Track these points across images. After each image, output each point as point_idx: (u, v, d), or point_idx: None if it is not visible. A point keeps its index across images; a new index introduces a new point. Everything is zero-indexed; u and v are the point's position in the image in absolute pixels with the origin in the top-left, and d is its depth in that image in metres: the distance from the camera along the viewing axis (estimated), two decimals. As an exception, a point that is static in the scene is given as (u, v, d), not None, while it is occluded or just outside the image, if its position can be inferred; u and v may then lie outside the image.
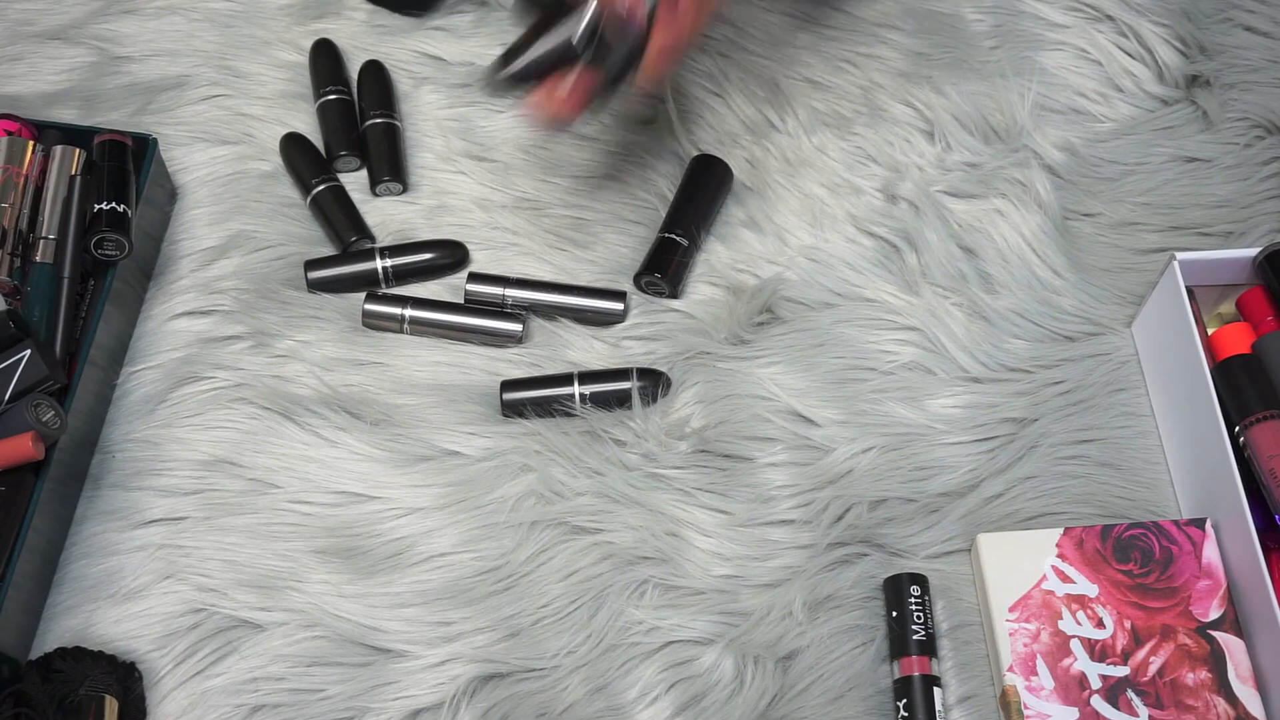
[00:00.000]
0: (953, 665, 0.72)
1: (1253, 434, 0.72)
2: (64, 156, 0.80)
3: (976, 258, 0.84)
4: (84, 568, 0.75)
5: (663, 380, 0.79)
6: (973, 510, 0.76)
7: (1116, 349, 0.82)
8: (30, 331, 0.73)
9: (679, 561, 0.74)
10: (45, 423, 0.71)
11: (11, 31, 0.94)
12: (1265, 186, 0.87)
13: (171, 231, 0.86)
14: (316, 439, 0.78)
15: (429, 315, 0.81)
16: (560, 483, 0.76)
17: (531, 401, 0.79)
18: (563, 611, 0.73)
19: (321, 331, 0.82)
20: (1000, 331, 0.82)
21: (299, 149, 0.87)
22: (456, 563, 0.75)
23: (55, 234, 0.78)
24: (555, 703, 0.71)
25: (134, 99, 0.91)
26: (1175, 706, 0.68)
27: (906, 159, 0.88)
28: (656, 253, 0.83)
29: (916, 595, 0.72)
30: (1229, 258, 0.78)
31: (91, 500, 0.77)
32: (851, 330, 0.82)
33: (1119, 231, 0.86)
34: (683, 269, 0.84)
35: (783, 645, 0.72)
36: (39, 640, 0.73)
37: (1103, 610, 0.71)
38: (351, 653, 0.72)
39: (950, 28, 0.94)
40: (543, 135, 0.89)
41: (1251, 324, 0.78)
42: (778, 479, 0.77)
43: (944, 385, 0.80)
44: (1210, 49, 0.93)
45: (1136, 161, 0.89)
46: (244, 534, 0.75)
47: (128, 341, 0.82)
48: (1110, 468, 0.78)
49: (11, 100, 0.91)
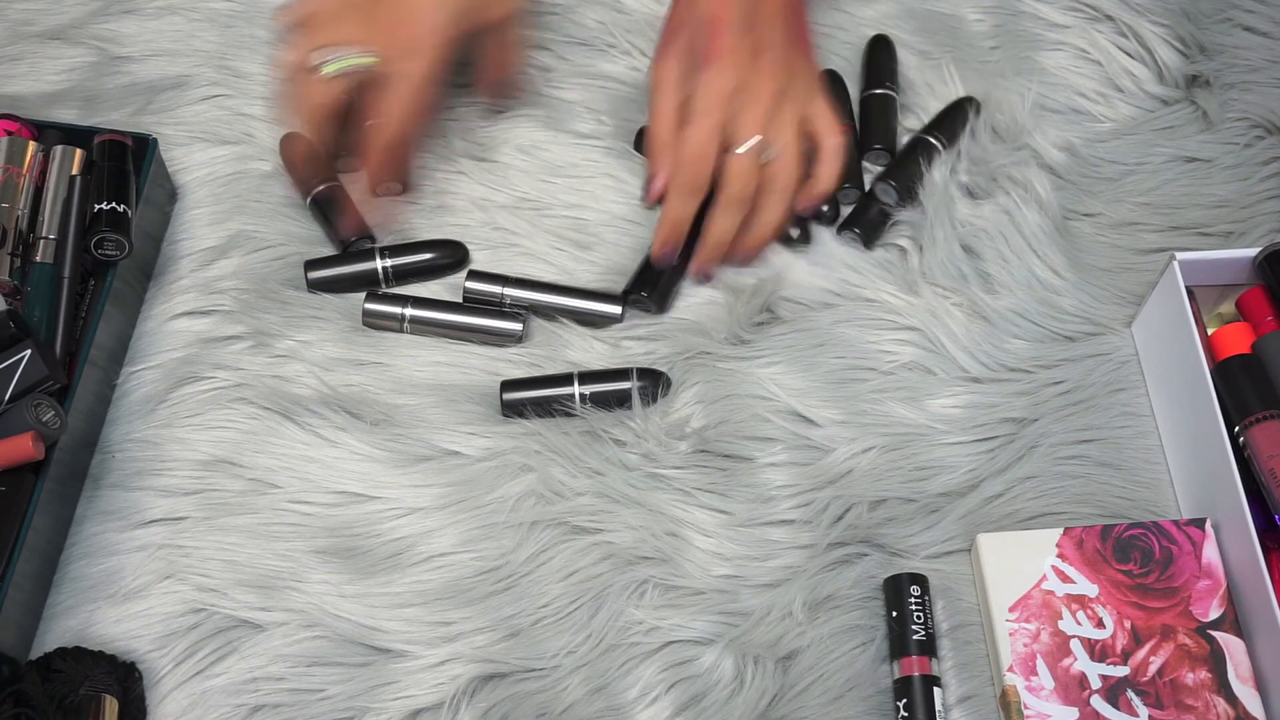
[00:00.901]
0: (953, 665, 0.72)
1: (1253, 434, 0.72)
2: (64, 156, 0.80)
3: (977, 258, 0.84)
4: (84, 568, 0.75)
5: (663, 380, 0.79)
6: (973, 510, 0.76)
7: (1116, 349, 0.82)
8: (30, 331, 0.73)
9: (679, 561, 0.74)
10: (45, 423, 0.71)
11: (11, 31, 0.94)
12: (1265, 186, 0.87)
13: (171, 231, 0.86)
14: (316, 439, 0.78)
15: (429, 314, 0.81)
16: (560, 483, 0.76)
17: (531, 401, 0.79)
18: (563, 611, 0.73)
19: (321, 331, 0.82)
20: (1000, 331, 0.82)
21: (298, 149, 0.87)
22: (456, 563, 0.75)
23: (55, 234, 0.78)
24: (555, 703, 0.71)
25: (134, 99, 0.91)
26: (1175, 706, 0.68)
27: (906, 159, 0.88)
28: (643, 270, 0.83)
29: (916, 595, 0.72)
30: (1229, 258, 0.78)
31: (91, 500, 0.77)
32: (851, 330, 0.81)
33: (1119, 231, 0.86)
34: (671, 285, 0.83)
35: (783, 645, 0.72)
36: (39, 640, 0.73)
37: (1103, 610, 0.71)
38: (351, 653, 0.72)
39: (950, 28, 0.94)
40: (543, 136, 0.89)
41: (1251, 324, 0.78)
42: (778, 479, 0.77)
43: (944, 385, 0.80)
44: (1210, 49, 0.93)
45: (1136, 161, 0.89)
46: (244, 534, 0.75)
47: (128, 341, 0.82)
48: (1110, 468, 0.78)
49: (11, 100, 0.91)
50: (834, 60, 0.93)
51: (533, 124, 0.90)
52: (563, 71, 0.92)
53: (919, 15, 0.94)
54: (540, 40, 0.93)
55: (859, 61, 0.92)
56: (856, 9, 0.95)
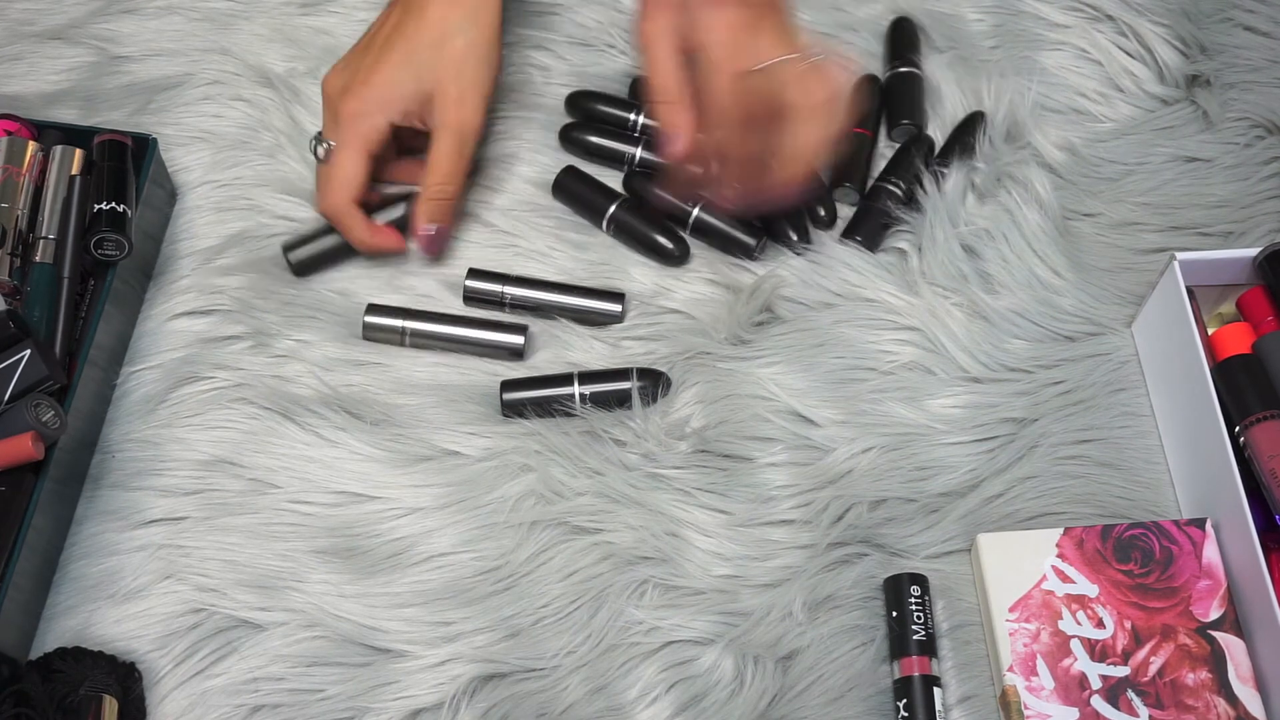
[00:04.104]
0: (953, 665, 0.72)
1: (1253, 434, 0.72)
2: (64, 156, 0.80)
3: (977, 258, 0.84)
4: (84, 568, 0.75)
5: (663, 380, 0.79)
6: (973, 510, 0.76)
7: (1116, 349, 0.82)
8: (30, 331, 0.73)
9: (679, 561, 0.74)
10: (45, 423, 0.71)
11: (11, 31, 0.94)
12: (1265, 186, 0.87)
13: (171, 231, 0.86)
14: (316, 439, 0.78)
15: (429, 328, 0.81)
16: (560, 483, 0.76)
17: (531, 401, 0.79)
18: (563, 611, 0.73)
19: (321, 331, 0.82)
20: (1000, 331, 0.82)
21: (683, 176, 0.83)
22: (456, 563, 0.75)
23: (55, 234, 0.78)
24: (555, 703, 0.71)
25: (134, 99, 0.91)
26: (1175, 707, 0.68)
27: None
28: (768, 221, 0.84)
29: (916, 595, 0.72)
30: (1229, 258, 0.78)
31: (91, 500, 0.77)
32: (851, 330, 0.81)
33: (1119, 231, 0.86)
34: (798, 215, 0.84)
35: (783, 645, 0.72)
36: (39, 640, 0.73)
37: (1103, 610, 0.71)
38: (351, 653, 0.72)
39: (950, 28, 0.94)
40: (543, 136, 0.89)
41: (1251, 324, 0.78)
42: (778, 479, 0.77)
43: (944, 385, 0.80)
44: (1210, 49, 0.93)
45: (1137, 161, 0.89)
46: (244, 534, 0.75)
47: (128, 341, 0.82)
48: (1110, 468, 0.78)
49: (11, 100, 0.91)
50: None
51: (532, 124, 0.90)
52: (562, 71, 0.92)
53: (919, 15, 0.94)
54: (540, 40, 0.93)
55: (861, 61, 0.92)
56: (856, 8, 0.95)
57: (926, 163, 0.86)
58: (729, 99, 0.75)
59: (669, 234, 0.84)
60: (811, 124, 0.76)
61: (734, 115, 0.76)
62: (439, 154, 0.81)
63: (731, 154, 0.78)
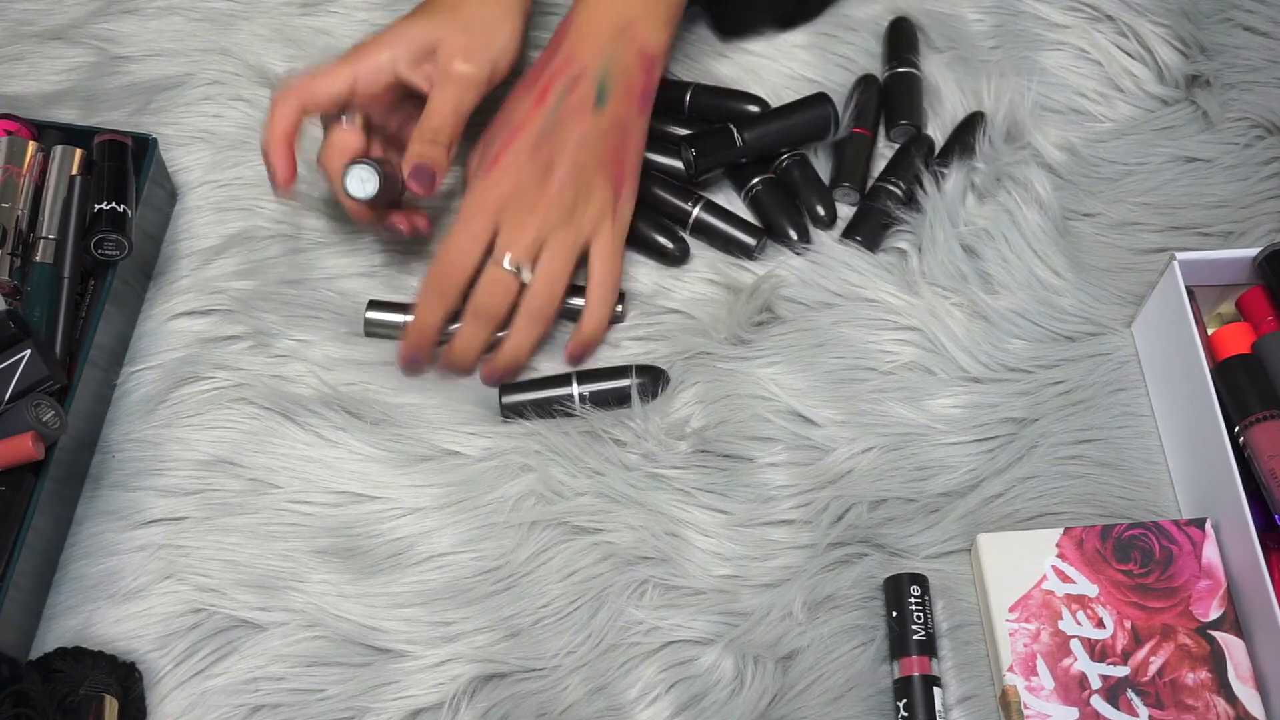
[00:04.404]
0: (953, 665, 0.72)
1: (1253, 434, 0.72)
2: (64, 156, 0.80)
3: (977, 258, 0.84)
4: (84, 568, 0.75)
5: (662, 377, 0.79)
6: (973, 510, 0.76)
7: (1116, 349, 0.82)
8: (30, 331, 0.73)
9: (679, 561, 0.74)
10: (45, 423, 0.71)
11: (11, 31, 0.94)
12: (1265, 186, 0.87)
13: (171, 231, 0.86)
14: (317, 439, 0.78)
15: None
16: (560, 483, 0.76)
17: (531, 402, 0.79)
18: (563, 611, 0.73)
19: (321, 331, 0.82)
20: (1000, 331, 0.82)
21: None
22: (456, 563, 0.75)
23: (55, 234, 0.78)
24: (555, 703, 0.71)
25: (134, 99, 0.91)
26: (1175, 707, 0.68)
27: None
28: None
29: (916, 595, 0.72)
30: (1229, 258, 0.78)
31: (91, 500, 0.77)
32: (851, 330, 0.81)
33: (1119, 231, 0.86)
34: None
35: (783, 645, 0.72)
36: (39, 640, 0.73)
37: (1103, 610, 0.71)
38: (351, 653, 0.72)
39: (950, 28, 0.94)
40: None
41: (1251, 324, 0.78)
42: (778, 479, 0.77)
43: (944, 385, 0.80)
44: (1210, 49, 0.93)
45: (1136, 161, 0.89)
46: (244, 534, 0.75)
47: (128, 341, 0.82)
48: (1110, 468, 0.78)
49: (11, 100, 0.91)
50: (835, 60, 0.93)
51: (533, 124, 0.90)
52: (563, 71, 0.92)
53: (918, 15, 0.94)
54: (540, 41, 0.93)
55: (860, 61, 0.92)
56: (855, 9, 0.95)
57: (926, 163, 0.86)
58: (444, 274, 0.77)
59: (669, 234, 0.84)
60: (527, 329, 0.78)
61: (444, 291, 0.77)
62: (436, 100, 0.78)
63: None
